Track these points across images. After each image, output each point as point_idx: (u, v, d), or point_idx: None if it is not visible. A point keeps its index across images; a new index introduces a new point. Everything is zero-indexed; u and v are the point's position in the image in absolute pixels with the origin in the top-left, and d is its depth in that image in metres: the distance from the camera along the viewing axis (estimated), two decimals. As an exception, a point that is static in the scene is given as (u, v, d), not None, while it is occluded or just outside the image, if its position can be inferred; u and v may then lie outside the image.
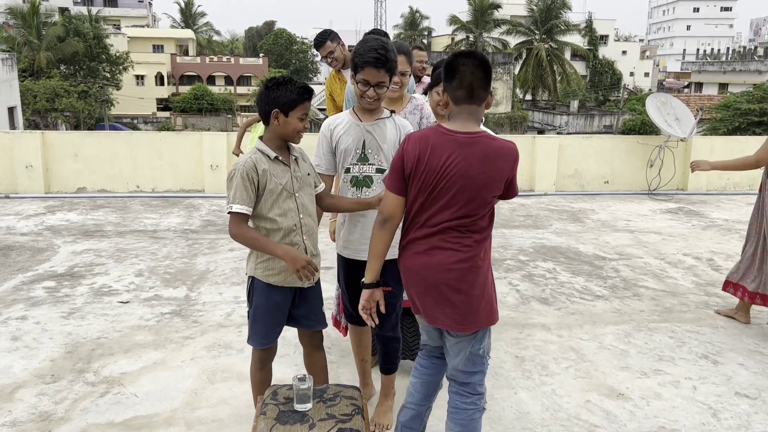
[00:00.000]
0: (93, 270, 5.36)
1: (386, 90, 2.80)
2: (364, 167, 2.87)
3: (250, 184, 2.53)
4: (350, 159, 2.87)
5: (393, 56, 2.74)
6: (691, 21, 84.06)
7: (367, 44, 2.74)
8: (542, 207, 8.32)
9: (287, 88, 2.58)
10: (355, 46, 2.82)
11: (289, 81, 2.62)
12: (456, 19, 45.97)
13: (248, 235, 2.56)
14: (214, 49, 67.76)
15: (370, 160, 2.87)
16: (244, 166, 2.54)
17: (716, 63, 41.48)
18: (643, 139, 9.97)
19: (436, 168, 2.25)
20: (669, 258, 6.04)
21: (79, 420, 3.10)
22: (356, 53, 2.76)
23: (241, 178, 2.52)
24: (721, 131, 19.03)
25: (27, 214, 7.34)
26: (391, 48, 2.76)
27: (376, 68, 2.70)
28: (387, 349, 3.03)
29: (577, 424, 3.15)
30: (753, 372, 3.74)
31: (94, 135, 9.29)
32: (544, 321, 4.46)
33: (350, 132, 2.86)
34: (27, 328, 4.13)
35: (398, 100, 3.27)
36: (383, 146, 2.85)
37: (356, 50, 2.78)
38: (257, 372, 2.83)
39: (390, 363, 3.07)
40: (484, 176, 2.25)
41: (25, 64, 32.75)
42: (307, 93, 2.61)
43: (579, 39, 50.86)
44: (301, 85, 2.60)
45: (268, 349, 2.79)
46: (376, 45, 2.72)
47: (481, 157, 2.25)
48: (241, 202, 2.52)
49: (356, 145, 2.85)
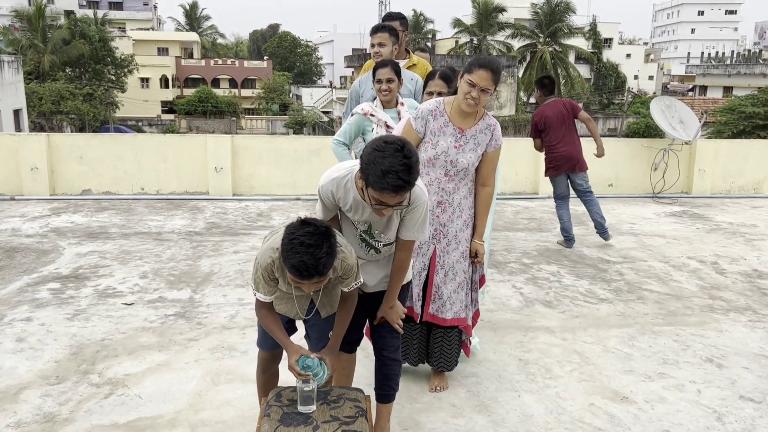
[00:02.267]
0: (97, 272, 5.37)
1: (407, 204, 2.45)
2: (371, 240, 2.67)
3: (271, 281, 2.45)
4: (358, 225, 2.64)
5: (416, 175, 2.30)
6: (696, 24, 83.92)
7: (386, 159, 2.22)
8: (546, 210, 8.31)
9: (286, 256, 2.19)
10: (371, 151, 2.27)
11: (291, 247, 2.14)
12: (460, 22, 45.99)
13: (264, 320, 2.53)
14: (218, 52, 67.98)
15: (375, 237, 2.66)
16: (265, 265, 2.41)
17: (721, 66, 41.38)
18: (647, 142, 9.95)
19: None
20: (673, 261, 6.03)
21: (84, 421, 3.10)
22: (371, 168, 2.25)
23: (262, 275, 2.43)
24: (726, 134, 18.95)
25: (32, 216, 7.36)
26: (414, 164, 2.27)
27: (396, 194, 2.29)
28: (387, 371, 2.85)
29: (581, 428, 3.15)
30: (758, 375, 3.73)
31: (99, 137, 9.32)
32: (548, 324, 4.45)
33: (358, 208, 2.55)
34: (32, 330, 4.15)
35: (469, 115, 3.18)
36: (391, 226, 2.62)
37: (371, 161, 2.25)
38: (261, 374, 2.84)
39: (389, 388, 2.87)
40: None
41: (31, 66, 32.89)
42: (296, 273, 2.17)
43: (583, 42, 50.84)
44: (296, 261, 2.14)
45: (272, 352, 2.79)
46: (399, 167, 2.23)
47: None
48: (263, 293, 2.46)
49: (361, 221, 2.61)
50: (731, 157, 9.70)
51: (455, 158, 3.16)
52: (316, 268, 2.14)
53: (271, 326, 2.52)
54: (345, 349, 2.85)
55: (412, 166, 2.26)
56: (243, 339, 4.05)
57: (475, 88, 3.00)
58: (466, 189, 3.29)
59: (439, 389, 3.46)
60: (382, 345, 2.82)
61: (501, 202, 8.73)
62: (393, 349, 2.84)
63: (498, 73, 3.04)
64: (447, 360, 3.47)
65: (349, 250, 2.46)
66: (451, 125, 3.18)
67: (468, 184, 3.28)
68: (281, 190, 8.85)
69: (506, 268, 5.72)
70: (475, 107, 3.08)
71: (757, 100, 19.40)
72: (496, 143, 3.24)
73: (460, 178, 3.22)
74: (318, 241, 2.15)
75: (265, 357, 2.80)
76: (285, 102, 48.83)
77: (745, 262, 6.06)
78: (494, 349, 4.02)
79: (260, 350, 2.80)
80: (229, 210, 7.92)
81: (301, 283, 2.24)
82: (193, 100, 44.52)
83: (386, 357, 2.84)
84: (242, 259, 5.73)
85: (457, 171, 3.19)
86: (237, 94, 51.36)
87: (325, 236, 2.17)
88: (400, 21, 4.66)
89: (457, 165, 3.17)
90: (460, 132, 3.18)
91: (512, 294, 5.04)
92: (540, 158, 9.23)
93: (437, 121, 3.18)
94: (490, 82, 3.01)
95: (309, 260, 2.13)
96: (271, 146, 9.05)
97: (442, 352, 3.45)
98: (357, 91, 4.58)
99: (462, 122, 3.18)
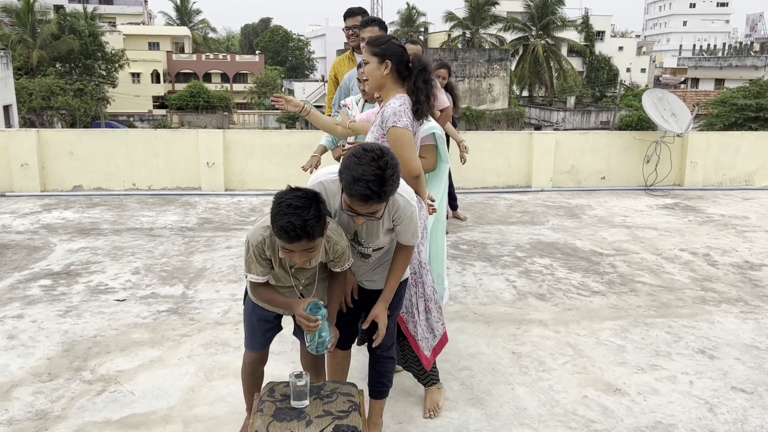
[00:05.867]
0: (89, 268, 5.35)
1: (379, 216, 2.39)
2: (358, 248, 2.65)
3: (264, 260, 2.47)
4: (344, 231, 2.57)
5: (390, 187, 2.27)
6: (688, 17, 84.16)
7: (360, 167, 2.22)
8: (539, 203, 8.32)
9: (274, 220, 2.20)
10: (350, 156, 2.27)
11: (279, 210, 2.17)
12: (452, 15, 45.93)
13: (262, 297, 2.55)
14: (210, 47, 67.57)
15: (363, 245, 2.63)
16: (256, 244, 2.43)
17: (712, 59, 41.52)
18: (639, 134, 9.97)
19: None
20: (666, 253, 6.05)
21: (76, 418, 3.09)
22: (345, 173, 2.26)
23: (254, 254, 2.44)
24: (718, 127, 19.04)
25: (23, 213, 7.32)
26: (389, 176, 2.24)
27: (365, 203, 2.27)
28: (380, 367, 2.84)
29: (574, 420, 3.16)
30: (749, 367, 3.75)
31: (89, 133, 9.25)
32: (541, 317, 4.46)
33: (341, 217, 2.52)
34: (23, 327, 4.12)
35: (384, 95, 3.03)
36: (378, 233, 2.56)
37: (347, 166, 2.26)
38: (249, 376, 2.81)
39: (381, 385, 2.86)
40: None
41: (20, 62, 32.64)
42: (284, 235, 2.17)
43: (575, 35, 50.92)
44: (284, 222, 2.15)
45: (260, 353, 2.77)
46: (370, 177, 2.21)
47: None
48: (256, 273, 2.45)
49: (347, 229, 2.56)
50: (723, 149, 9.74)
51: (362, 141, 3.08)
52: (303, 228, 2.14)
53: (271, 296, 2.50)
54: (340, 346, 2.83)
55: (386, 178, 2.22)
56: (236, 334, 4.04)
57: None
58: None
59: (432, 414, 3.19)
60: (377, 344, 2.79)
61: (494, 196, 8.74)
62: (387, 347, 2.82)
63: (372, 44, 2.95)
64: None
65: (339, 233, 2.45)
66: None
67: None
68: (274, 185, 8.82)
69: (499, 261, 5.72)
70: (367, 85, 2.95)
71: (749, 92, 19.49)
72: (385, 125, 2.90)
73: None
74: (306, 203, 2.17)
75: (254, 359, 2.76)
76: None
77: (736, 253, 6.09)
78: (487, 342, 4.03)
79: (248, 351, 2.76)
80: (221, 205, 7.89)
81: (291, 252, 2.23)
82: (185, 95, 44.31)
83: (380, 355, 2.82)
84: (235, 254, 5.72)
85: None
86: (229, 89, 51.16)
87: (313, 200, 2.20)
88: (362, 15, 4.66)
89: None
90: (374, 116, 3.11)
91: (505, 287, 5.05)
92: (533, 151, 9.26)
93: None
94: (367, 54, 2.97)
95: (296, 221, 2.13)
96: (264, 141, 9.02)
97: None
98: (347, 86, 4.58)
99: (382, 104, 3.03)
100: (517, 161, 9.34)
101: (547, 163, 9.27)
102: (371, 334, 2.77)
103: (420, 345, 3.13)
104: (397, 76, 2.98)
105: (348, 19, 4.68)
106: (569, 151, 9.42)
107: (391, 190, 2.29)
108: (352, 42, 4.70)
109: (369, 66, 2.96)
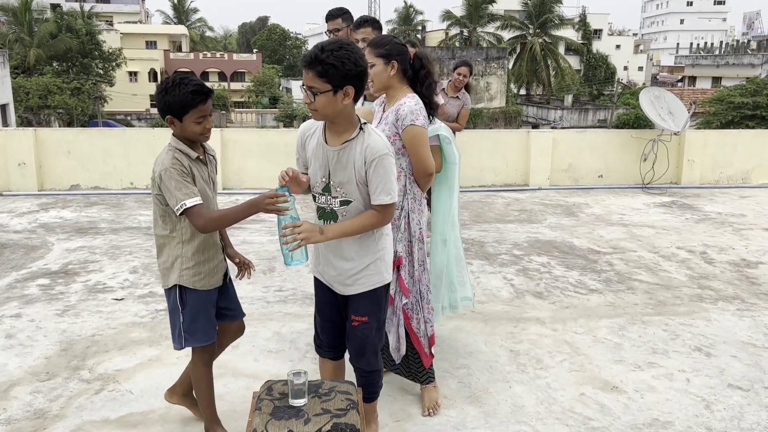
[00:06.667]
0: (87, 267, 5.34)
1: (327, 100, 2.32)
2: (329, 199, 2.52)
3: (188, 177, 2.52)
4: (316, 186, 2.55)
5: (328, 56, 2.26)
6: (685, 15, 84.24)
7: (319, 44, 2.36)
8: (536, 201, 8.33)
9: (179, 91, 2.45)
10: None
11: (181, 82, 2.47)
12: (450, 14, 45.92)
13: (215, 216, 2.51)
14: (207, 45, 67.48)
15: (332, 192, 2.50)
16: (172, 163, 2.49)
17: (709, 57, 41.54)
18: (636, 133, 9.99)
19: None
20: (663, 251, 6.07)
21: (74, 417, 3.09)
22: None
23: (178, 174, 2.47)
24: (715, 125, 19.06)
25: (20, 212, 7.31)
26: (331, 48, 2.28)
27: (306, 69, 2.33)
28: (365, 381, 2.74)
29: (571, 417, 3.17)
30: (746, 364, 3.76)
31: (87, 132, 9.24)
32: (539, 315, 4.47)
33: (317, 155, 2.51)
34: (21, 326, 4.12)
35: (391, 98, 3.04)
36: (348, 175, 2.45)
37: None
38: (206, 371, 2.80)
39: (370, 393, 2.78)
40: None
41: (17, 61, 32.55)
42: (201, 95, 2.46)
43: (573, 33, 50.93)
44: (193, 86, 2.45)
45: (213, 343, 2.80)
46: (319, 46, 2.33)
47: None
48: (191, 195, 2.46)
49: (323, 172, 2.50)
50: (720, 147, 9.75)
51: None
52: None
53: (224, 212, 2.51)
54: (330, 356, 2.76)
55: (326, 49, 2.27)
56: (234, 333, 4.04)
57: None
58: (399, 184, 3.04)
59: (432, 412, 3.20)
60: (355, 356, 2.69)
61: (492, 194, 8.75)
62: (366, 361, 2.69)
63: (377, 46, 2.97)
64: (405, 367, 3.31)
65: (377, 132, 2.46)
66: (380, 112, 3.10)
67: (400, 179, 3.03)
68: (272, 183, 8.79)
69: (497, 259, 5.73)
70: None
71: (746, 90, 19.51)
72: (402, 124, 2.92)
73: None
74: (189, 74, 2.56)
75: (208, 350, 2.78)
76: (275, 95, 48.62)
77: (733, 251, 6.11)
78: (485, 340, 4.04)
79: (199, 349, 2.75)
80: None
81: (204, 115, 2.51)
82: (182, 93, 44.15)
83: (360, 369, 2.72)
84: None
85: None
86: (226, 88, 51.06)
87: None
88: (342, 17, 4.63)
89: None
90: (381, 116, 3.09)
91: (503, 285, 5.06)
92: (531, 150, 9.27)
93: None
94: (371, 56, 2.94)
95: (196, 80, 2.49)
96: (261, 139, 9.02)
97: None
98: None
99: (388, 106, 3.06)
100: (515, 160, 9.35)
101: (544, 161, 9.28)
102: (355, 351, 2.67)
103: (422, 342, 3.17)
104: (402, 75, 3.01)
105: (329, 22, 4.63)
106: (567, 149, 9.43)
107: (325, 61, 2.26)
108: None
109: (375, 68, 2.95)
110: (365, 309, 2.61)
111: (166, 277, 2.66)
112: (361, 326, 2.61)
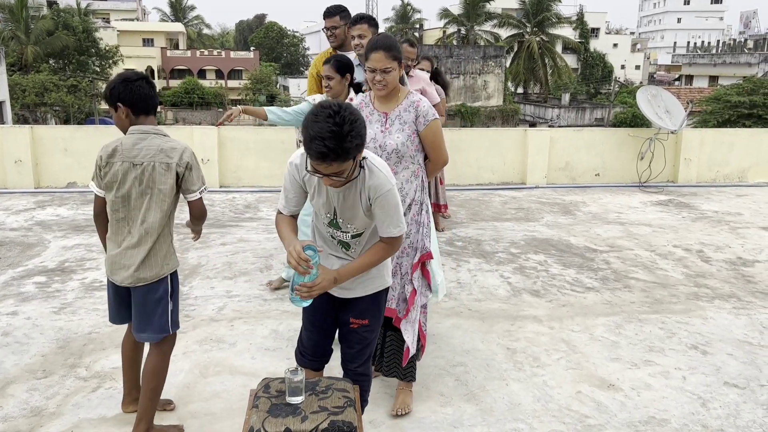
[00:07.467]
0: (84, 265, 5.34)
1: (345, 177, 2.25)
2: (338, 233, 2.50)
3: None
4: (321, 219, 2.53)
5: (349, 144, 2.12)
6: (682, 14, 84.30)
7: (317, 124, 2.11)
8: (533, 200, 8.34)
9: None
10: (309, 115, 2.15)
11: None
12: (447, 12, 45.91)
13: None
14: (204, 43, 67.43)
15: (342, 228, 2.48)
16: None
17: (707, 56, 41.60)
18: (633, 131, 10.00)
19: None
20: (659, 250, 6.08)
21: (71, 415, 3.09)
22: (304, 132, 2.16)
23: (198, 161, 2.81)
24: (711, 124, 19.07)
25: (17, 210, 7.29)
26: (347, 132, 2.11)
27: (323, 161, 2.15)
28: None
29: (568, 415, 3.18)
30: (742, 362, 3.78)
31: (83, 129, 9.23)
32: (536, 313, 4.48)
33: (321, 192, 2.44)
34: (18, 324, 4.12)
35: (391, 98, 3.10)
36: (355, 213, 2.42)
37: (306, 125, 2.16)
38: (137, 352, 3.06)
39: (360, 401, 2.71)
40: None
41: (14, 58, 32.44)
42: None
43: (570, 32, 51.00)
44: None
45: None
46: (326, 134, 2.09)
47: None
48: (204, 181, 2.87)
49: (327, 209, 2.46)
50: (716, 146, 9.78)
51: (383, 142, 3.07)
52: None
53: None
54: (312, 366, 2.72)
55: (344, 134, 2.09)
56: (231, 331, 4.04)
57: (376, 72, 2.97)
58: (409, 173, 3.13)
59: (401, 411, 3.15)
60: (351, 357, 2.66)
61: (489, 192, 8.76)
62: (361, 362, 2.66)
63: (391, 49, 2.97)
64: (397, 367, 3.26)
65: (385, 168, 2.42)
66: (376, 112, 3.12)
67: (410, 167, 3.13)
68: (269, 181, 8.81)
69: (494, 257, 5.74)
70: (385, 89, 3.02)
71: (743, 89, 19.52)
72: (425, 119, 3.06)
73: (395, 162, 3.08)
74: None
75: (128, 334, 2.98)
76: (272, 93, 48.55)
77: (729, 250, 6.12)
78: (482, 338, 4.04)
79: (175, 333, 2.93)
80: (216, 202, 7.88)
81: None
82: (180, 91, 44.13)
83: (352, 372, 2.67)
84: (230, 251, 5.71)
85: (388, 154, 3.06)
86: (224, 85, 51.04)
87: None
88: (340, 15, 4.63)
89: (386, 148, 3.06)
90: (385, 116, 3.10)
91: (500, 283, 5.07)
92: (528, 148, 9.28)
93: (364, 112, 3.10)
94: (388, 60, 2.96)
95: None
96: (259, 137, 9.01)
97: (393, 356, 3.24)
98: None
99: (385, 107, 3.11)
100: (512, 158, 9.36)
101: (541, 159, 9.29)
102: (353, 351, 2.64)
103: (425, 336, 3.28)
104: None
105: (327, 20, 4.64)
106: (564, 148, 9.44)
107: (351, 146, 2.13)
108: (332, 42, 4.69)
109: (393, 73, 2.99)
110: (366, 312, 2.60)
111: (160, 267, 2.74)
112: (362, 329, 2.60)
